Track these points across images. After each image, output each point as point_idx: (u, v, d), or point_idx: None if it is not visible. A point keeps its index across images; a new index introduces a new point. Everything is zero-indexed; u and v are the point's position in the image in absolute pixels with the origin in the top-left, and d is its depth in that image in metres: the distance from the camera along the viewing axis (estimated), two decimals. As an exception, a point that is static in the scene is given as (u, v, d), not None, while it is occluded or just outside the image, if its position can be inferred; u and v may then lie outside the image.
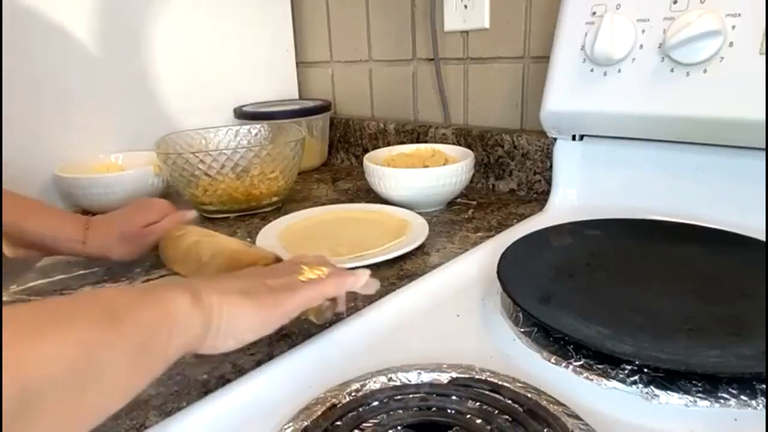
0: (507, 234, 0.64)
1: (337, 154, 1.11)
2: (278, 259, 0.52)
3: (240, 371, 0.41)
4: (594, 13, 0.62)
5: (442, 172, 0.73)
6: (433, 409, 0.34)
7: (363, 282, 0.42)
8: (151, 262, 0.63)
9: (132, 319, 0.28)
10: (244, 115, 1.01)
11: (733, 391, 0.34)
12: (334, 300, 0.43)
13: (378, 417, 0.33)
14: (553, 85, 0.66)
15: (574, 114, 0.65)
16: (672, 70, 0.57)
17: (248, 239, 0.69)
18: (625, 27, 0.59)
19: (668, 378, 0.35)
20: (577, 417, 0.32)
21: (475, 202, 0.80)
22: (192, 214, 0.63)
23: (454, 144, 0.87)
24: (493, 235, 0.65)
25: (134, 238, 0.58)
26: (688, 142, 0.60)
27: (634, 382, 0.35)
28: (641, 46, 0.59)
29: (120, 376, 0.27)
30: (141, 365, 0.28)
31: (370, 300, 0.51)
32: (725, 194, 0.59)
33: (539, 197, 0.79)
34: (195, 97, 1.01)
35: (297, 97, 1.17)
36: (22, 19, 0.79)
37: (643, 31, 0.59)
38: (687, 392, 0.34)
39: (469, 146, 0.86)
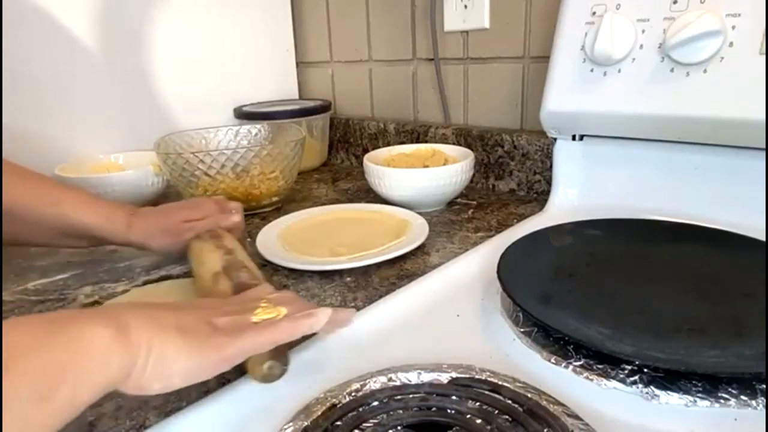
0: (507, 234, 0.64)
1: (337, 154, 1.11)
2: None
3: (240, 371, 0.41)
4: (594, 13, 0.62)
5: (442, 172, 0.73)
6: (433, 409, 0.34)
7: (321, 324, 0.37)
8: (151, 259, 0.63)
9: (26, 365, 0.24)
10: (244, 115, 1.01)
11: (733, 391, 0.34)
12: (280, 352, 0.37)
13: (378, 417, 0.33)
14: (553, 85, 0.66)
15: (574, 114, 0.65)
16: (672, 70, 0.57)
17: (248, 239, 0.69)
18: (625, 27, 0.59)
19: (668, 378, 0.35)
20: (577, 417, 0.32)
21: (475, 202, 0.80)
22: (234, 219, 0.61)
23: (454, 144, 0.87)
24: (493, 235, 0.65)
25: (172, 232, 0.58)
26: (688, 142, 0.60)
27: (634, 382, 0.35)
28: (641, 46, 0.59)
29: (18, 429, 0.23)
30: (45, 413, 0.25)
31: (370, 300, 0.51)
32: (725, 194, 0.59)
33: (539, 197, 0.79)
34: (195, 97, 1.01)
35: (297, 97, 1.17)
36: (23, 19, 0.79)
37: (643, 31, 0.59)
38: (687, 392, 0.34)
39: (469, 146, 0.86)
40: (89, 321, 0.28)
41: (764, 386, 0.34)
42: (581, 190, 0.70)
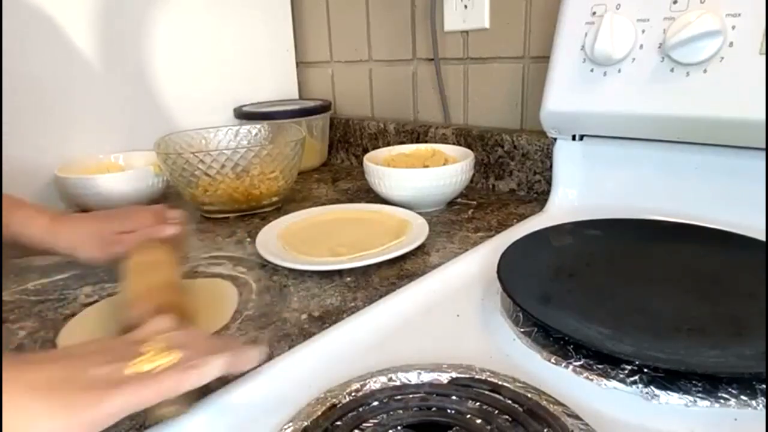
0: (507, 234, 0.64)
1: (337, 154, 1.11)
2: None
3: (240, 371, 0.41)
4: (594, 13, 0.62)
5: (442, 172, 0.73)
6: (433, 409, 0.34)
7: (213, 375, 0.33)
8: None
9: None
10: (244, 115, 1.01)
11: (733, 391, 0.34)
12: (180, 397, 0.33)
13: (378, 417, 0.33)
14: (553, 85, 0.66)
15: (574, 114, 0.65)
16: (672, 70, 0.57)
17: (248, 239, 0.69)
18: (625, 27, 0.59)
19: (668, 378, 0.35)
20: (577, 417, 0.32)
21: (475, 202, 0.80)
22: (169, 231, 0.55)
23: (454, 144, 0.87)
24: (493, 235, 0.65)
25: (101, 242, 0.54)
26: (688, 142, 0.60)
27: (634, 382, 0.35)
28: (641, 46, 0.59)
29: None
30: None
31: (370, 300, 0.51)
32: (725, 194, 0.59)
33: (539, 197, 0.79)
34: (195, 97, 1.01)
35: (297, 97, 1.17)
36: (23, 19, 0.79)
37: (643, 31, 0.59)
38: (687, 392, 0.34)
39: (469, 146, 0.86)
40: None
41: (764, 386, 0.34)
42: (581, 190, 0.70)
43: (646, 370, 0.35)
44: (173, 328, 0.37)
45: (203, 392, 0.37)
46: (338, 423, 0.33)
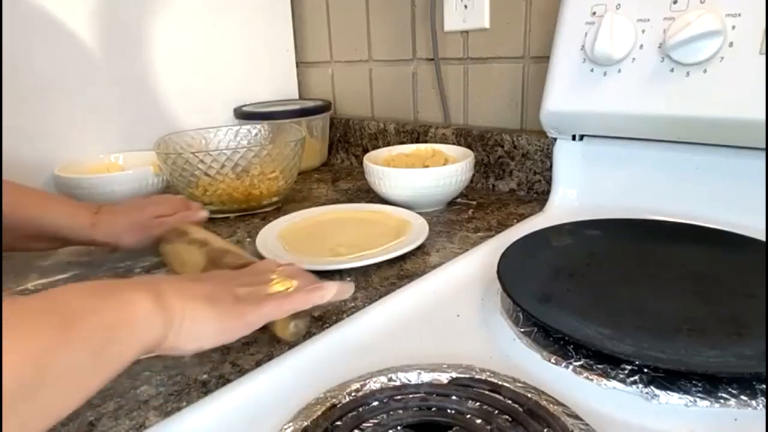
0: (507, 234, 0.64)
1: (337, 154, 1.11)
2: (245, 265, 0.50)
3: (240, 371, 0.41)
4: (594, 13, 0.62)
5: (442, 172, 0.73)
6: (433, 409, 0.34)
7: (330, 296, 0.41)
8: (152, 258, 0.63)
9: (88, 323, 0.28)
10: (244, 115, 1.01)
11: (733, 391, 0.34)
12: (299, 314, 0.41)
13: (378, 417, 0.33)
14: (553, 85, 0.66)
15: (574, 114, 0.65)
16: (672, 70, 0.57)
17: (248, 239, 0.69)
18: (625, 27, 0.59)
19: (668, 378, 0.35)
20: (577, 417, 0.32)
21: (475, 202, 0.80)
22: (203, 214, 0.64)
23: (454, 144, 0.87)
24: (493, 235, 0.65)
25: (143, 228, 0.59)
26: (688, 142, 0.60)
27: (634, 382, 0.35)
28: (641, 46, 0.59)
29: (77, 379, 0.27)
30: (98, 368, 0.28)
31: (370, 300, 0.51)
32: (725, 194, 0.59)
33: (539, 197, 0.79)
34: (195, 97, 1.01)
35: (297, 97, 1.17)
36: (23, 19, 0.79)
37: (643, 31, 0.59)
38: (687, 392, 0.34)
39: (469, 146, 0.86)
40: (132, 289, 0.32)
41: (764, 386, 0.34)
42: (581, 190, 0.70)
43: (646, 370, 0.35)
44: (279, 265, 0.45)
45: (204, 392, 0.38)
46: (338, 423, 0.33)
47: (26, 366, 0.24)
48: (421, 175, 0.73)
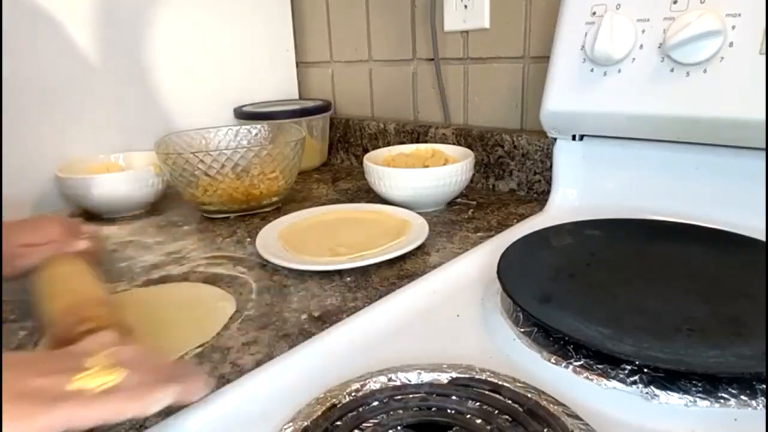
0: (507, 234, 0.64)
1: (337, 154, 1.11)
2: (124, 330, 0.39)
3: (240, 371, 0.41)
4: (594, 13, 0.62)
5: (442, 172, 0.73)
6: (433, 409, 0.34)
7: (166, 402, 0.30)
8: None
9: None
10: (244, 115, 1.01)
11: (733, 391, 0.34)
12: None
13: (378, 417, 0.33)
14: (553, 85, 0.66)
15: (574, 114, 0.65)
16: (672, 70, 0.57)
17: (248, 239, 0.69)
18: (625, 27, 0.59)
19: (668, 378, 0.35)
20: (577, 417, 0.32)
21: (475, 202, 0.80)
22: (81, 245, 0.51)
23: (454, 144, 0.87)
24: (493, 235, 0.65)
25: (6, 257, 0.49)
26: (688, 142, 0.60)
27: (634, 382, 0.35)
28: (641, 46, 0.59)
29: None
30: None
31: (370, 300, 0.51)
32: (725, 194, 0.59)
33: (539, 197, 0.79)
34: (195, 97, 1.01)
35: (297, 97, 1.17)
36: (23, 19, 0.79)
37: (643, 31, 0.59)
38: (687, 392, 0.34)
39: (469, 146, 0.86)
40: None
41: (764, 386, 0.34)
42: (581, 190, 0.70)
43: (646, 370, 0.35)
44: (118, 344, 0.34)
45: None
46: (338, 423, 0.33)
47: None
48: (421, 175, 0.73)
